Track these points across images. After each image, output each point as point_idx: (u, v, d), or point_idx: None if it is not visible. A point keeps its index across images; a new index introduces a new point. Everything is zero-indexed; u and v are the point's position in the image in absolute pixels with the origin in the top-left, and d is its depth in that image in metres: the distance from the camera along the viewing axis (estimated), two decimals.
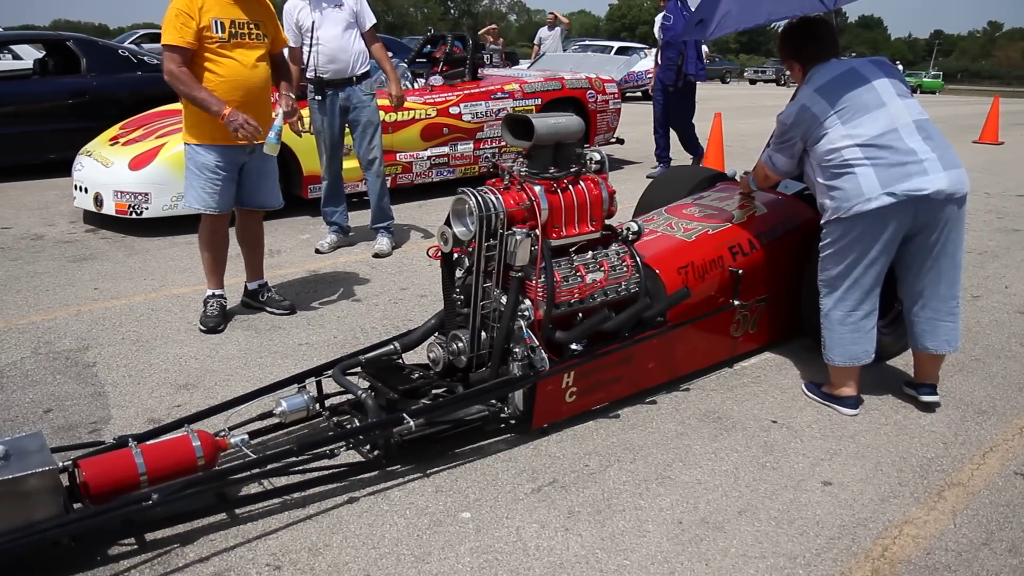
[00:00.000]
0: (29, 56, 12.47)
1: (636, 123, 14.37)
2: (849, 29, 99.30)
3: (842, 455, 3.12)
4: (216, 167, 4.10)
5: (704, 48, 20.19)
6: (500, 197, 3.07)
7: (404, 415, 2.82)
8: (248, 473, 2.64)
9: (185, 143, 4.17)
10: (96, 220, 6.57)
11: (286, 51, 4.61)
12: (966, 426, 3.37)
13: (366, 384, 3.20)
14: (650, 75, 20.15)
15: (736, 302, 3.67)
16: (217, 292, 4.41)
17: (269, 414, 3.06)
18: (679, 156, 10.40)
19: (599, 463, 3.03)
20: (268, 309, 4.55)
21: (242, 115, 3.90)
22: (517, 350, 3.10)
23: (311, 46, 5.37)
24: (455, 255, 3.26)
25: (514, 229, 3.03)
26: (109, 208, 6.19)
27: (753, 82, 37.94)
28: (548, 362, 3.09)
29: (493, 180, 3.26)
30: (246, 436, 2.82)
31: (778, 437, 3.25)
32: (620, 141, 9.63)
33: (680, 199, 4.38)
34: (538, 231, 3.08)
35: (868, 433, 3.29)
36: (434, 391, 3.22)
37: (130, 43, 15.44)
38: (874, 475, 2.98)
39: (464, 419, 3.04)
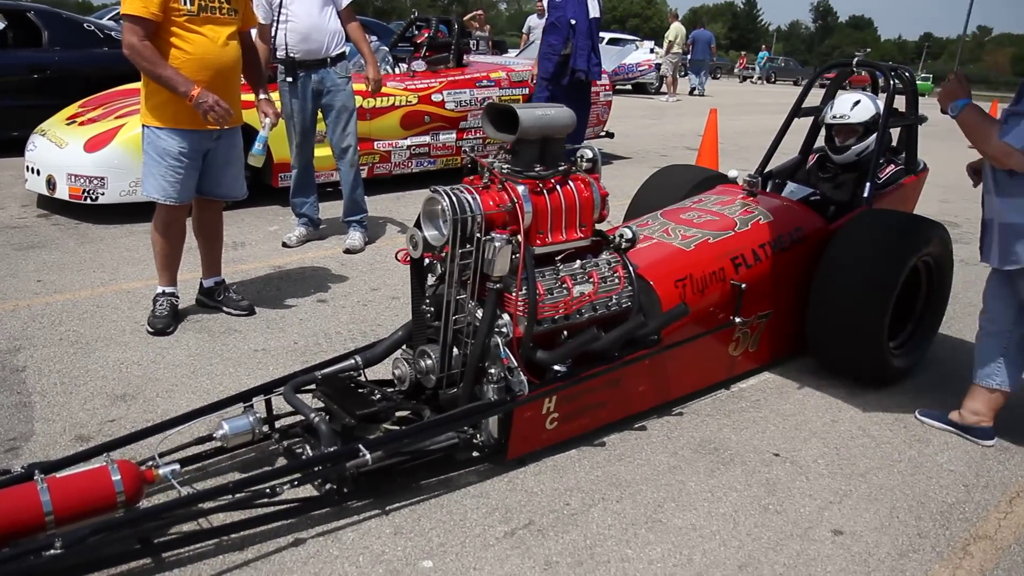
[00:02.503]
0: None
1: (626, 116, 14.04)
2: (839, 29, 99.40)
3: (853, 497, 2.79)
4: (179, 153, 3.71)
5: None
6: (478, 197, 2.70)
7: (360, 447, 2.45)
8: (173, 514, 2.27)
9: (144, 125, 3.78)
10: (50, 205, 6.13)
11: (254, 32, 4.23)
12: (987, 465, 3.05)
13: (321, 404, 2.83)
14: (641, 67, 19.96)
15: (737, 319, 3.33)
16: (168, 290, 4.02)
17: (209, 437, 2.68)
18: (673, 155, 10.09)
19: (581, 502, 2.68)
20: (225, 309, 4.16)
21: (212, 96, 3.53)
22: (493, 371, 2.74)
23: (282, 23, 4.96)
24: (426, 260, 2.90)
25: (492, 234, 2.67)
26: (62, 192, 5.76)
27: (744, 79, 37.65)
28: (527, 385, 2.74)
29: (471, 177, 2.90)
30: (177, 466, 2.44)
31: (781, 473, 2.91)
32: (610, 135, 9.27)
33: (677, 202, 4.03)
34: (520, 237, 2.72)
35: (880, 471, 2.96)
36: (399, 413, 2.86)
37: (108, 19, 14.91)
38: (890, 523, 2.66)
39: (430, 448, 2.68)
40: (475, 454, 2.84)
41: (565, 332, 2.88)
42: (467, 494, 2.69)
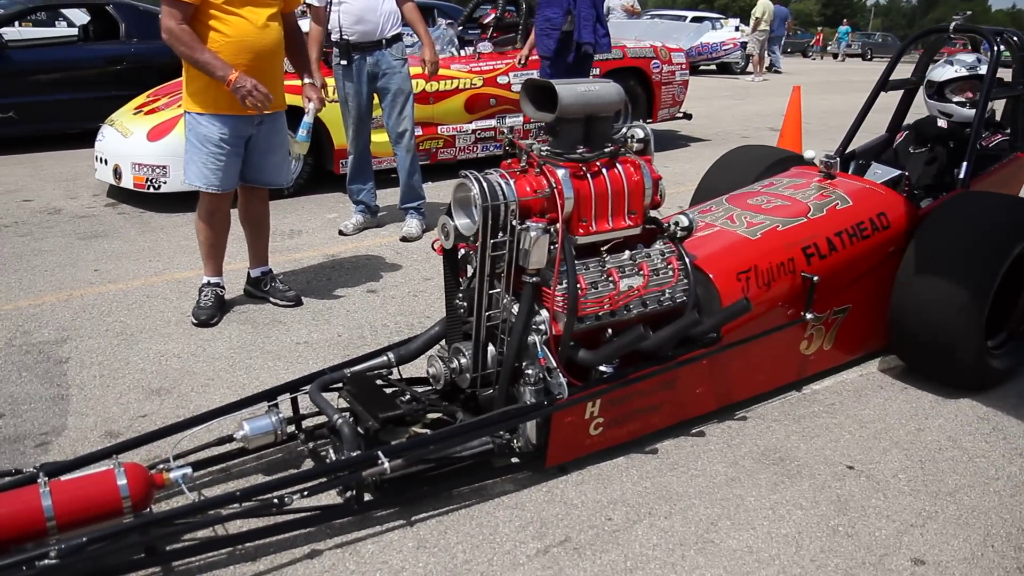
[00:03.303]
0: (82, 22, 12.35)
1: (708, 97, 13.51)
2: (944, 1, 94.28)
3: (939, 520, 2.45)
4: (220, 140, 3.61)
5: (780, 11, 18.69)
6: (512, 182, 2.47)
7: (379, 453, 2.27)
8: (181, 522, 2.13)
9: (185, 112, 3.69)
10: (118, 194, 6.19)
11: (299, 13, 4.09)
12: None
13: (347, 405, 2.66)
14: (726, 46, 19.21)
15: (809, 315, 3.00)
16: (213, 280, 3.93)
17: (230, 438, 2.55)
18: (755, 137, 9.62)
19: (625, 516, 2.43)
20: (271, 300, 4.06)
21: (251, 80, 3.40)
22: (530, 372, 2.51)
23: (336, 5, 4.82)
24: (461, 251, 2.68)
25: (528, 223, 2.43)
26: (127, 181, 5.80)
27: (837, 56, 36.00)
28: (568, 387, 2.50)
29: (509, 161, 2.66)
30: (189, 470, 2.31)
31: (855, 489, 2.59)
32: (687, 116, 8.85)
33: (746, 185, 3.70)
34: (559, 225, 2.47)
35: (973, 490, 2.60)
36: (431, 415, 2.66)
37: None
38: (982, 552, 2.31)
39: (462, 455, 2.48)
40: (514, 460, 2.62)
41: (610, 330, 2.62)
42: (500, 505, 2.48)
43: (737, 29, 19.67)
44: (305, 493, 2.18)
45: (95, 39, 8.71)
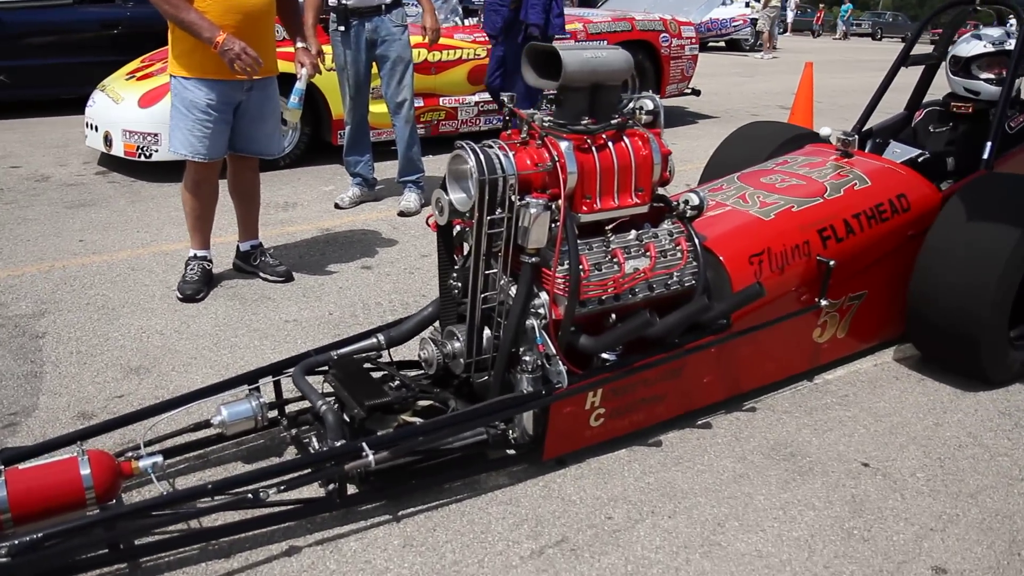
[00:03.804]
0: None
1: (716, 74, 13.27)
2: None
3: (961, 524, 2.29)
4: (207, 106, 3.43)
5: None
6: (511, 155, 2.29)
7: (363, 445, 2.11)
8: (150, 516, 1.98)
9: (171, 76, 3.51)
10: (110, 162, 6.01)
11: None
12: None
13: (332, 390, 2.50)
14: (736, 22, 18.86)
15: (824, 302, 2.83)
16: (200, 253, 3.76)
17: (207, 423, 2.40)
18: (764, 114, 9.41)
19: (627, 515, 2.28)
20: (261, 275, 3.89)
21: (239, 42, 3.22)
22: (527, 358, 2.35)
23: None
24: (456, 228, 2.51)
25: (528, 199, 2.26)
26: (118, 149, 5.62)
27: (847, 36, 35.50)
28: (568, 375, 2.34)
29: (509, 132, 2.48)
30: (159, 458, 2.16)
31: (871, 489, 2.44)
32: (696, 92, 8.61)
33: (758, 163, 3.52)
34: (561, 202, 2.30)
35: (996, 492, 2.45)
36: (422, 402, 2.51)
37: None
38: (1008, 561, 2.16)
39: (452, 447, 2.32)
40: (509, 452, 2.47)
41: (613, 315, 2.45)
42: (494, 500, 2.33)
43: (747, 5, 19.30)
44: (282, 487, 2.03)
45: (90, 2, 8.47)
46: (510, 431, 2.42)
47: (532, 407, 2.33)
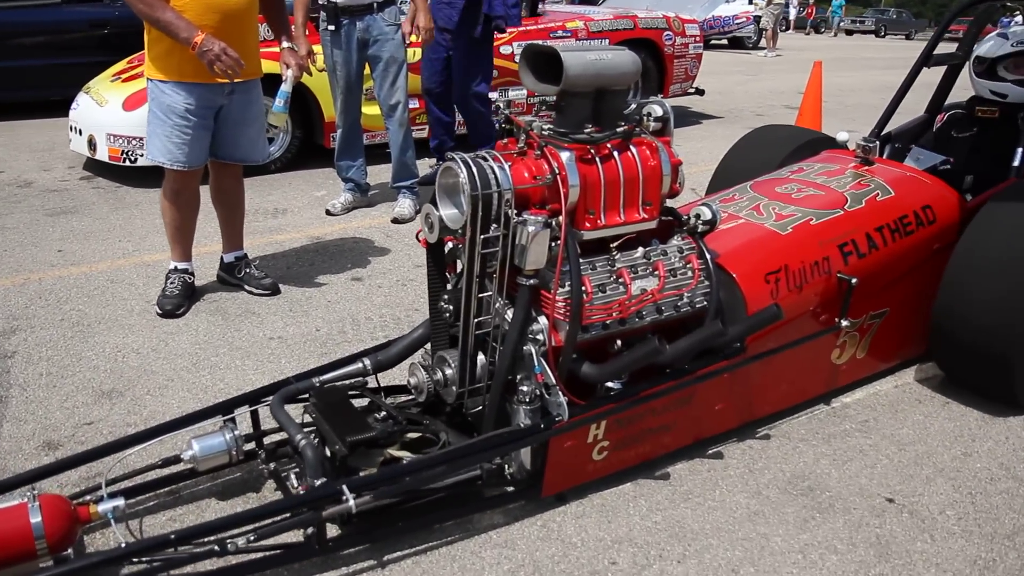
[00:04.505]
0: None
1: (720, 72, 13.07)
2: None
3: (998, 571, 2.10)
4: (186, 111, 3.24)
5: None
6: (506, 167, 2.09)
7: (343, 487, 1.92)
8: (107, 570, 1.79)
9: (148, 79, 3.32)
10: (95, 167, 5.81)
11: None
12: None
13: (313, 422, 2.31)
14: (738, 20, 18.62)
15: (844, 322, 2.64)
16: (181, 266, 3.57)
17: (177, 459, 2.20)
18: (770, 115, 9.21)
19: (632, 560, 2.09)
20: (246, 287, 3.70)
21: (218, 43, 3.03)
22: (525, 388, 2.16)
23: None
24: (448, 245, 2.32)
25: (525, 215, 2.06)
26: (102, 153, 5.43)
27: (850, 33, 35.19)
28: (569, 407, 2.15)
29: (505, 140, 2.29)
30: (120, 501, 1.97)
31: (896, 528, 2.24)
32: (700, 92, 8.40)
33: (771, 171, 3.32)
34: (562, 218, 2.11)
35: None
36: (411, 434, 2.31)
37: None
38: None
39: (442, 486, 2.13)
40: (509, 488, 2.28)
41: (619, 341, 2.26)
42: (488, 542, 2.14)
43: (750, 2, 19.07)
44: (252, 537, 1.84)
45: (78, 1, 8.27)
46: (506, 466, 2.23)
47: (530, 443, 2.13)
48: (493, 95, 6.47)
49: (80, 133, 5.63)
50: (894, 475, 2.49)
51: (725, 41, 19.40)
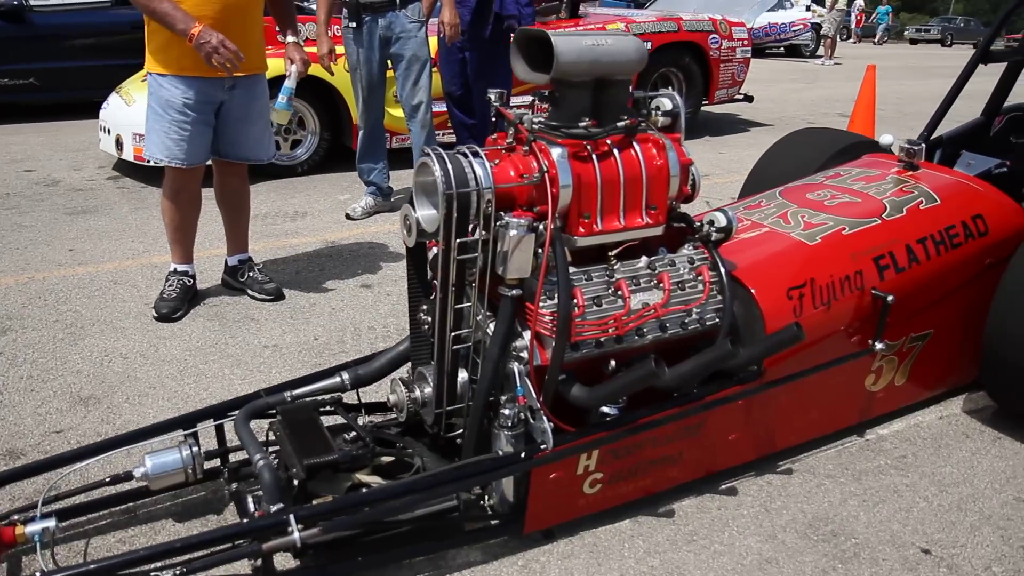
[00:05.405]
0: None
1: (774, 80, 12.67)
2: None
3: None
4: (184, 106, 3.11)
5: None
6: (487, 164, 1.88)
7: (290, 518, 1.72)
8: None
9: (148, 73, 3.20)
10: (124, 167, 5.77)
11: None
12: None
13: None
14: (796, 27, 18.08)
15: (879, 345, 2.35)
16: (181, 268, 3.44)
17: (129, 475, 2.03)
18: (822, 123, 8.82)
19: None
20: (249, 292, 3.55)
21: (216, 35, 2.89)
22: (507, 412, 1.93)
23: None
24: (432, 250, 2.11)
25: (508, 218, 1.84)
26: (128, 153, 5.38)
27: (914, 42, 34.08)
28: (557, 433, 1.92)
29: (495, 136, 2.08)
30: (52, 523, 1.79)
31: None
32: (749, 99, 8.07)
33: (806, 176, 3.04)
34: (548, 221, 1.88)
35: None
36: (385, 458, 2.10)
37: None
38: None
39: (413, 517, 1.91)
40: (493, 522, 2.05)
41: (613, 361, 2.01)
42: None
43: (808, 9, 18.53)
44: (182, 571, 1.64)
45: (118, 4, 8.34)
46: (486, 496, 2.01)
47: (507, 473, 1.91)
48: (526, 99, 6.28)
49: (109, 132, 5.60)
50: (932, 521, 2.18)
51: (781, 49, 18.89)
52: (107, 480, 2.04)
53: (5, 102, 7.68)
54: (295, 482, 1.90)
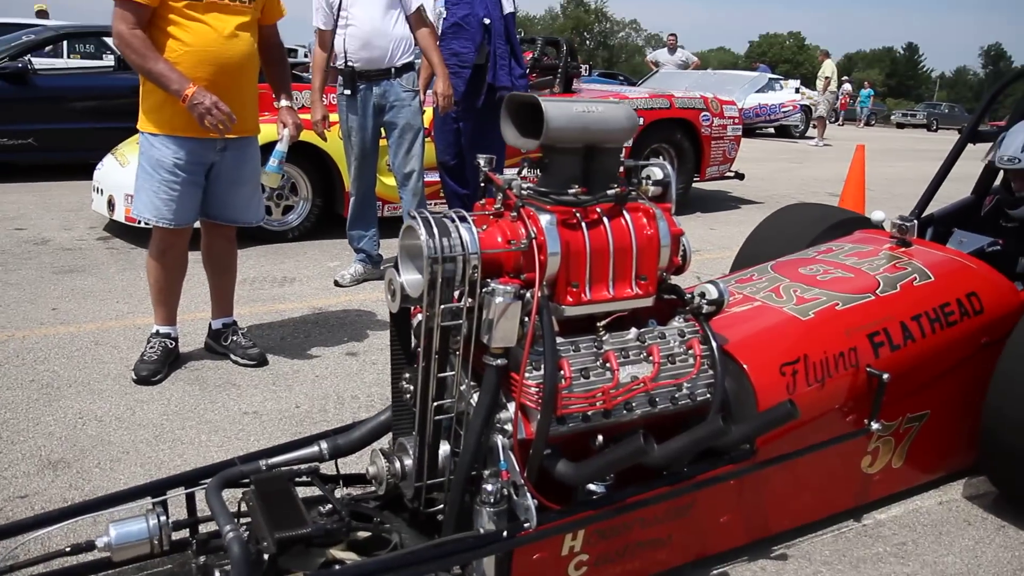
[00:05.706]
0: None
1: (764, 159, 12.87)
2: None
3: None
4: (174, 166, 3.10)
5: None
6: (473, 229, 1.84)
7: None
8: None
9: (140, 132, 3.20)
10: (115, 228, 5.76)
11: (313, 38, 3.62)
12: None
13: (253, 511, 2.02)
14: (785, 108, 18.45)
15: (875, 425, 2.28)
16: (163, 330, 3.37)
17: (91, 545, 1.92)
18: (812, 201, 8.93)
19: None
20: (232, 357, 3.47)
21: (210, 96, 2.90)
22: (489, 487, 1.85)
23: (342, 28, 4.33)
24: (417, 317, 2.05)
25: (494, 285, 1.80)
26: (119, 214, 5.35)
27: (901, 126, 34.87)
28: (541, 511, 1.83)
29: (483, 201, 2.05)
30: None
31: None
32: (740, 176, 8.17)
33: (798, 251, 3.02)
34: (535, 289, 1.83)
35: None
36: (361, 532, 2.01)
37: None
38: None
39: None
40: None
41: (600, 436, 1.94)
42: None
43: (797, 91, 18.97)
44: None
45: (122, 69, 8.49)
46: None
47: (490, 552, 1.81)
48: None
49: (101, 193, 5.59)
50: None
51: (771, 130, 19.26)
52: (67, 550, 1.93)
53: (3, 161, 7.72)
54: (265, 556, 1.80)
